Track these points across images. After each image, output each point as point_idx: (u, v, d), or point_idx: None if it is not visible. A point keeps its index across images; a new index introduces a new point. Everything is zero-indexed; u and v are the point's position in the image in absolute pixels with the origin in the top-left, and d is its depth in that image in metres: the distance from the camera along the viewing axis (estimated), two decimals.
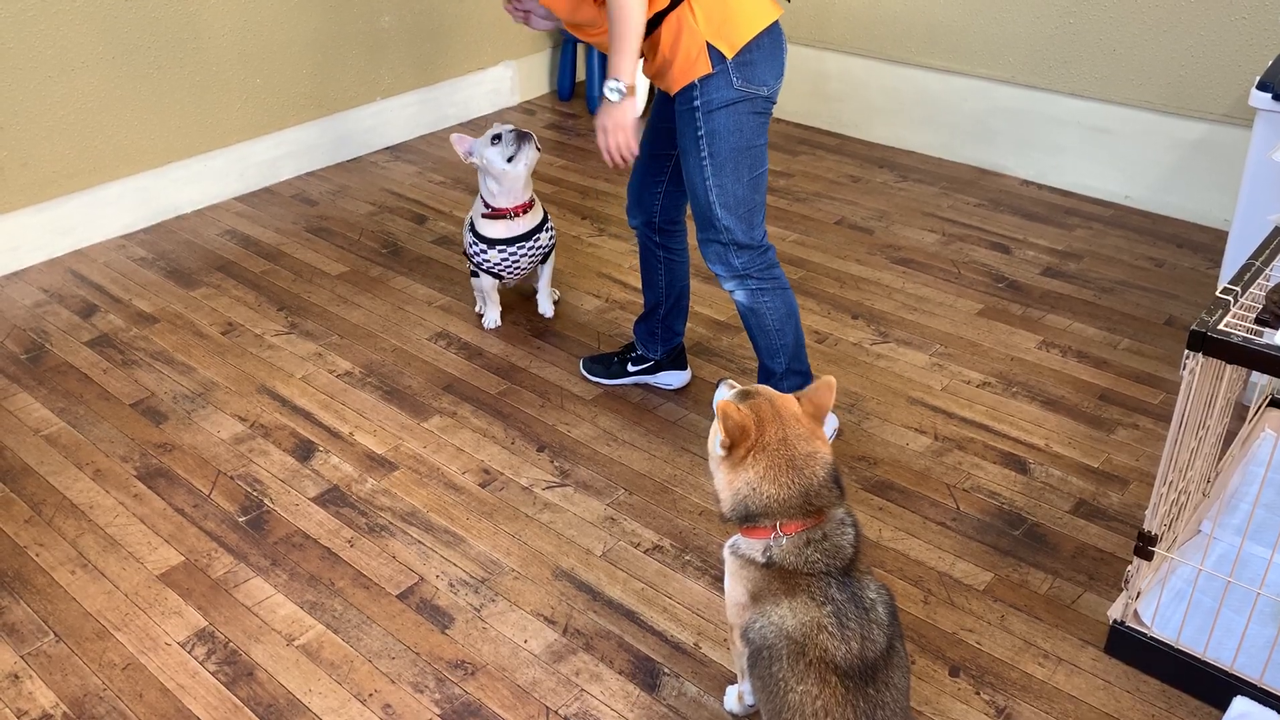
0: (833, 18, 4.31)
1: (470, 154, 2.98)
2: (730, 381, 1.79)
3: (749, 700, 1.91)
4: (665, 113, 2.44)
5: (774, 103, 2.29)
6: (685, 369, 2.87)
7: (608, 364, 2.88)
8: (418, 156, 4.34)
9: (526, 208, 3.00)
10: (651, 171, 2.54)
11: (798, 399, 1.68)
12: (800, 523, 1.60)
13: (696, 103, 2.23)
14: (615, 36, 2.13)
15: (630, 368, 2.85)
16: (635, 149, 2.28)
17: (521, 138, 2.93)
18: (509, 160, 2.91)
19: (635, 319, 2.95)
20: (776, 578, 1.59)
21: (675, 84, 2.24)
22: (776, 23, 2.25)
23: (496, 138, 2.93)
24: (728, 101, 2.22)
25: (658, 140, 2.49)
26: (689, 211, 2.52)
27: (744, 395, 1.70)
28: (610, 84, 2.18)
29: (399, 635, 2.14)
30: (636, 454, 2.63)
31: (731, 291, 2.44)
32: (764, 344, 2.49)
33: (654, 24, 2.20)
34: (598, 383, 2.89)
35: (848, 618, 1.54)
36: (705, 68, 2.19)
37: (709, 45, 2.17)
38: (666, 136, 2.47)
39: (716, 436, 1.66)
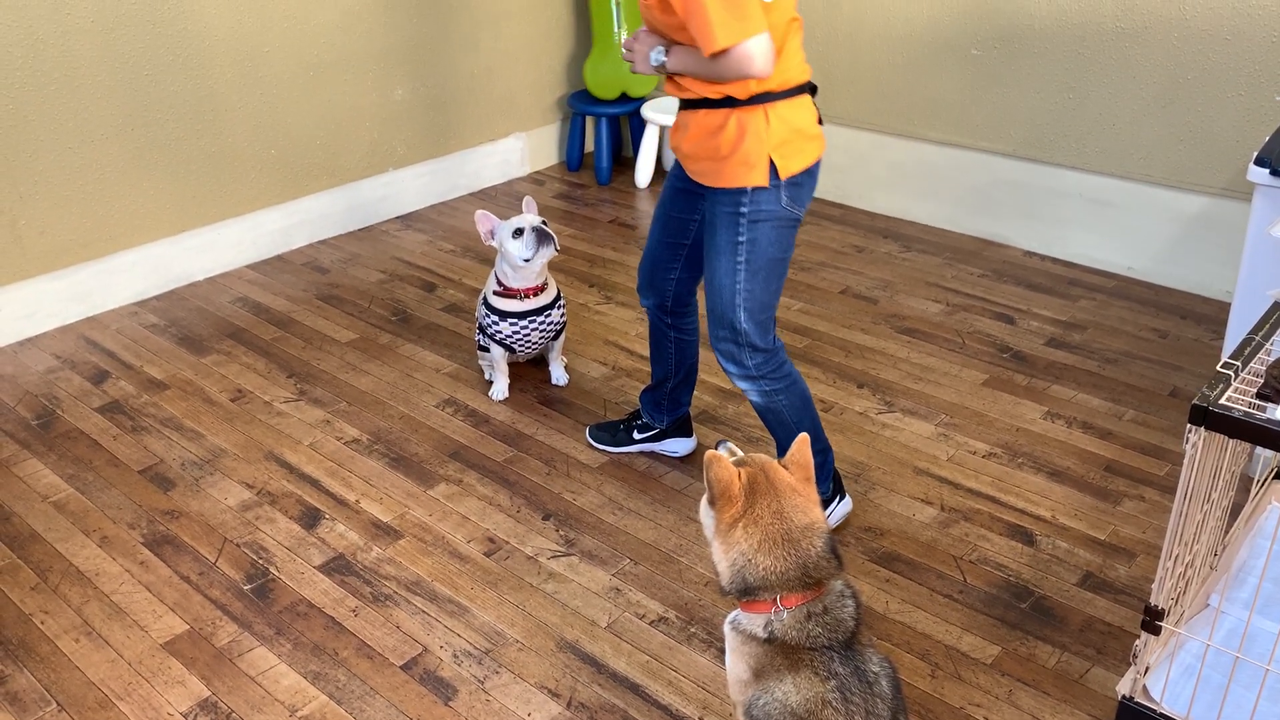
0: (837, 93, 4.39)
1: (492, 236, 3.04)
2: (730, 445, 1.77)
3: None
4: (680, 203, 2.46)
5: None
6: (691, 436, 2.88)
7: (614, 431, 2.90)
8: (429, 225, 4.40)
9: (539, 290, 3.05)
10: (665, 258, 2.56)
11: (785, 467, 1.68)
12: (800, 595, 1.59)
13: (744, 209, 2.23)
14: (695, 66, 2.13)
15: (636, 435, 2.86)
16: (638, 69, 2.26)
17: (542, 240, 2.96)
18: (525, 260, 2.97)
19: (642, 388, 2.97)
20: (779, 653, 1.58)
21: (721, 180, 2.23)
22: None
23: (519, 231, 2.97)
24: (774, 215, 2.24)
25: (670, 228, 2.51)
26: (700, 287, 2.55)
27: (739, 464, 1.70)
28: (658, 54, 2.20)
29: (402, 707, 2.12)
30: (642, 523, 2.63)
31: (745, 391, 2.43)
32: (783, 435, 2.49)
33: (717, 103, 2.19)
34: (604, 450, 2.90)
35: (851, 692, 1.53)
36: (762, 179, 2.19)
37: (770, 159, 2.19)
38: (679, 225, 2.49)
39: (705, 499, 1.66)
